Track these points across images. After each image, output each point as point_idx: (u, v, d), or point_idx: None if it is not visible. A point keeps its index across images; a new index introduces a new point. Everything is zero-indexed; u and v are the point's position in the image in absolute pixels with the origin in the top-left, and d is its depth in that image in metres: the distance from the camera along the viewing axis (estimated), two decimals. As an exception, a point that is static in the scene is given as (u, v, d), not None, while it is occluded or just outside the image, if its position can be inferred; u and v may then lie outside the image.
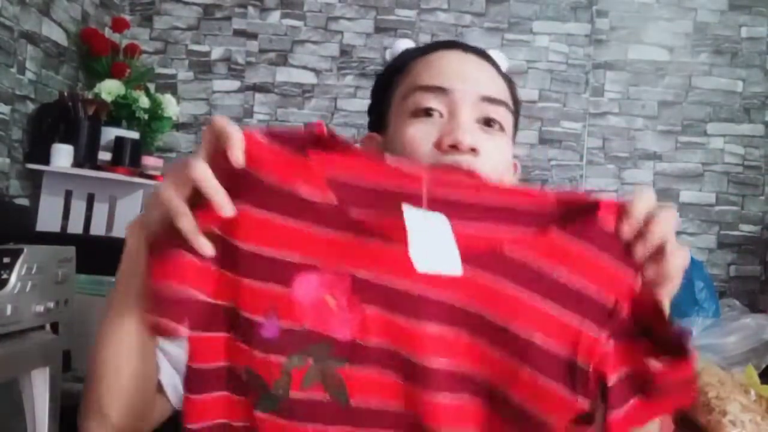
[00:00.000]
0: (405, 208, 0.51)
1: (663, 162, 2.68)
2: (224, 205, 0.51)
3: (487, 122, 0.68)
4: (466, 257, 0.52)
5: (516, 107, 0.75)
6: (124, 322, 0.58)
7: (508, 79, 0.75)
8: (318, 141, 0.53)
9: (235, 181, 0.52)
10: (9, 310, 1.18)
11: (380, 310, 0.53)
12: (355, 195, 0.53)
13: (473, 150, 0.65)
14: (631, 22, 2.69)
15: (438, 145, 0.65)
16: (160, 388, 0.64)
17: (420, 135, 0.67)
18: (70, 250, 1.39)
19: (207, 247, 0.52)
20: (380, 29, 2.66)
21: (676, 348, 0.52)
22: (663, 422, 1.14)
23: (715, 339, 1.86)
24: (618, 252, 0.52)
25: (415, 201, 0.52)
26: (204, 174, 0.51)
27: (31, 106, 1.98)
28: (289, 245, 0.53)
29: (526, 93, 2.66)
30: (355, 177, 0.53)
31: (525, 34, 2.68)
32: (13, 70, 1.88)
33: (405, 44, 0.79)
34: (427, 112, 0.67)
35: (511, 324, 0.52)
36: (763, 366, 1.73)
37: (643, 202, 0.53)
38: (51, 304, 1.30)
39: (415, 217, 0.51)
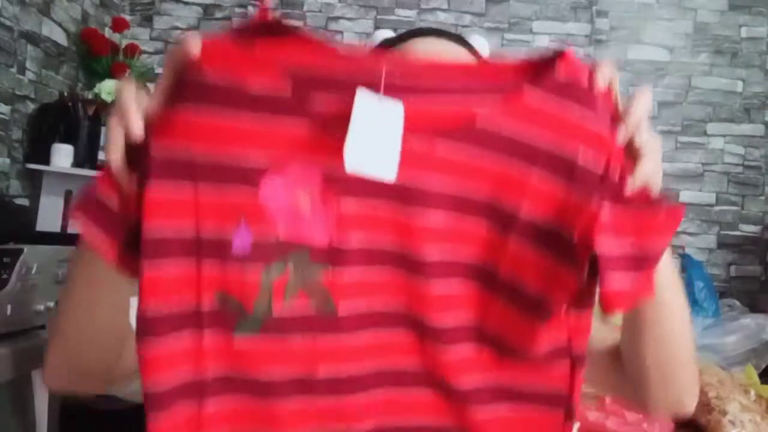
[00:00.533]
0: (359, 93, 0.46)
1: (663, 162, 2.66)
2: (132, 125, 0.46)
3: None
4: (439, 132, 0.49)
5: None
6: (93, 259, 0.51)
7: None
8: (266, 29, 0.47)
9: (192, 92, 0.47)
10: (9, 310, 1.18)
11: (359, 202, 0.49)
12: (311, 84, 0.48)
13: None
14: (631, 22, 2.69)
15: None
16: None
17: None
18: (70, 250, 1.39)
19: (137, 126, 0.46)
20: (380, 29, 2.65)
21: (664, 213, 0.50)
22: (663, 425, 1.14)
23: (715, 339, 1.86)
24: (597, 108, 0.49)
25: (373, 87, 0.47)
26: (124, 95, 0.47)
27: (31, 106, 1.98)
28: (247, 146, 0.47)
29: (526, 93, 2.66)
30: (308, 65, 0.48)
31: (525, 34, 2.68)
32: (13, 70, 1.88)
33: (384, 34, 0.79)
34: None
35: (495, 199, 0.50)
36: (763, 366, 1.73)
37: (609, 70, 0.51)
38: (51, 304, 1.31)
39: (366, 105, 0.46)
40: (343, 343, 0.50)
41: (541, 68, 0.50)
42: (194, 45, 0.46)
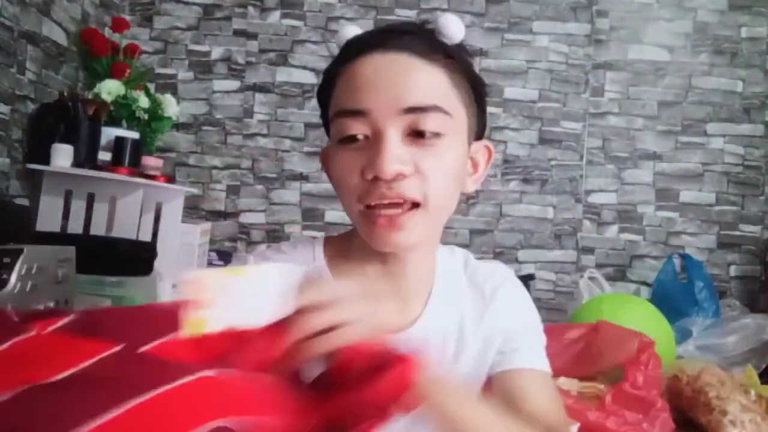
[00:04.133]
0: None
1: (663, 162, 2.68)
2: None
3: (419, 132, 0.63)
4: None
5: (470, 87, 0.69)
6: None
7: (450, 66, 0.66)
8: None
9: None
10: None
11: None
12: None
13: (400, 175, 0.61)
14: (631, 22, 2.69)
15: (363, 174, 0.63)
16: None
17: (347, 167, 0.64)
18: (70, 250, 1.39)
19: None
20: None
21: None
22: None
23: (715, 339, 1.87)
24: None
25: None
26: None
27: (31, 106, 1.98)
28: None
29: (526, 93, 2.66)
30: None
31: (525, 34, 2.68)
32: (13, 70, 1.88)
33: (350, 32, 0.72)
34: (352, 138, 0.64)
35: None
36: (763, 366, 1.73)
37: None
38: (51, 304, 1.30)
39: None
40: None
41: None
42: None
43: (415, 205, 0.64)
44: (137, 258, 1.76)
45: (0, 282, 1.17)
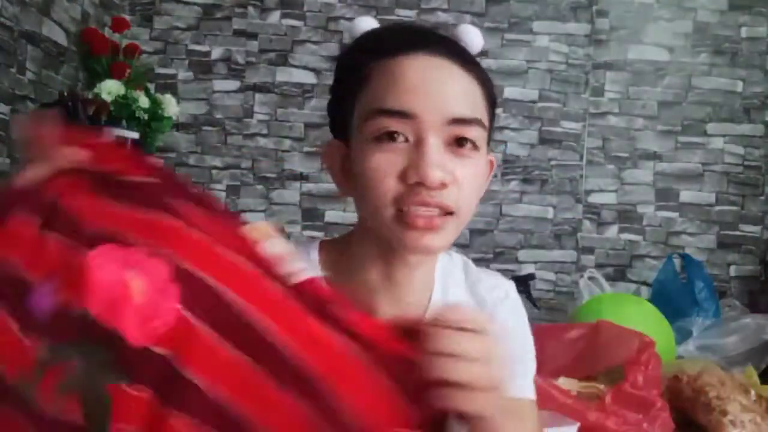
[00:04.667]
0: None
1: (663, 162, 2.68)
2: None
3: (459, 142, 0.63)
4: None
5: (491, 102, 0.69)
6: None
7: (481, 78, 0.68)
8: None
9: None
10: (9, 310, 1.18)
11: (207, 331, 0.40)
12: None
13: (443, 184, 0.61)
14: (631, 22, 2.69)
15: (403, 177, 0.61)
16: None
17: (384, 166, 0.62)
18: None
19: None
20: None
21: None
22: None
23: (715, 339, 1.87)
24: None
25: None
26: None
27: (31, 106, 1.98)
28: (102, 216, 0.42)
29: (526, 93, 2.66)
30: None
31: (525, 34, 2.68)
32: (13, 70, 1.88)
33: (367, 23, 0.71)
34: (391, 136, 0.62)
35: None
36: (763, 366, 1.73)
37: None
38: (51, 304, 1.30)
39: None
40: None
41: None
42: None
43: (449, 212, 0.64)
44: (137, 258, 1.75)
45: (0, 282, 1.17)
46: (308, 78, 2.64)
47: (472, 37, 0.69)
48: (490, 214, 2.64)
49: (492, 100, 0.70)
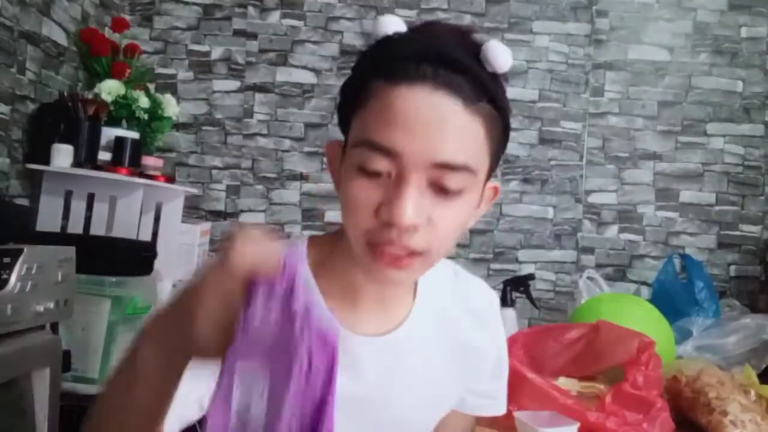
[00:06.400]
0: None
1: (663, 162, 2.68)
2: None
3: (441, 187, 0.61)
4: None
5: (499, 137, 0.66)
6: (169, 353, 0.55)
7: (487, 115, 0.63)
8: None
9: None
10: (9, 310, 1.18)
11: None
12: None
13: (414, 227, 0.60)
14: (631, 22, 2.69)
15: (377, 213, 0.61)
16: None
17: (361, 198, 0.61)
18: (70, 250, 1.39)
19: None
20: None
21: None
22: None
23: (715, 339, 1.86)
24: None
25: None
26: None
27: (31, 106, 1.98)
28: None
29: (526, 93, 2.66)
30: None
31: (525, 34, 2.68)
32: (13, 70, 1.88)
33: (393, 25, 0.69)
34: (374, 172, 0.61)
35: None
36: (763, 366, 1.72)
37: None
38: (51, 304, 1.30)
39: None
40: None
41: None
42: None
43: (418, 253, 0.63)
44: (137, 258, 1.76)
45: (0, 282, 1.17)
46: (308, 78, 2.64)
47: (498, 58, 0.63)
48: (490, 214, 2.64)
49: (501, 134, 0.66)
